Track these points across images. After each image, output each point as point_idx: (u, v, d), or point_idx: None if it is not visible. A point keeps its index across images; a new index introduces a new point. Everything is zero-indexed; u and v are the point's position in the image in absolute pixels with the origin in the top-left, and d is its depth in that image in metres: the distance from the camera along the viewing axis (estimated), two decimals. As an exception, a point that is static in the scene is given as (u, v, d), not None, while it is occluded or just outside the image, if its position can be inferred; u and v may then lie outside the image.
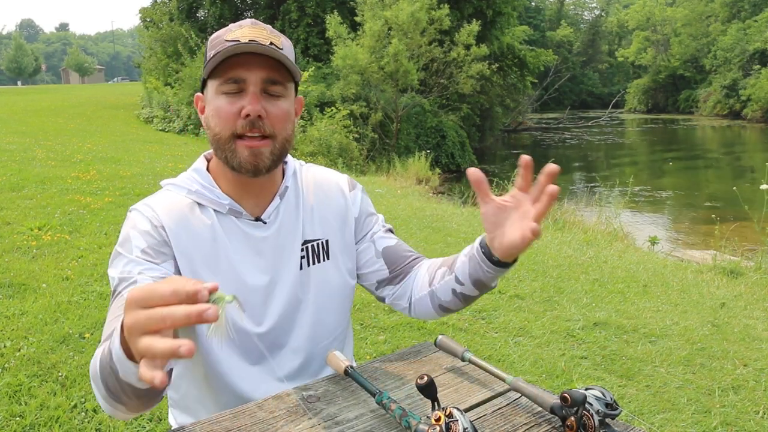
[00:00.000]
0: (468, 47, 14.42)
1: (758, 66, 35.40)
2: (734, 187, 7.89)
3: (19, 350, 2.56)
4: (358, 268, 1.17)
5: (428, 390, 0.80)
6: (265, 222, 1.05)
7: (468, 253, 0.99)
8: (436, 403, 0.80)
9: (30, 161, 7.45)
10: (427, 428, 0.76)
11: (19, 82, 64.51)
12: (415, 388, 0.86)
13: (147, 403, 0.81)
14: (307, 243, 1.09)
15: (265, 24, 0.99)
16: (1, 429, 2.01)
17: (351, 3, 15.36)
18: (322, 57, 16.79)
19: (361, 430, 0.84)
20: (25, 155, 7.93)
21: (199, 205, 1.03)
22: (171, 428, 1.04)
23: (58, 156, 8.15)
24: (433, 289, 1.07)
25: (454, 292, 1.03)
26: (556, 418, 0.85)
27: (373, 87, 14.18)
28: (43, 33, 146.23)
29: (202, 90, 1.04)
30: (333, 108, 12.90)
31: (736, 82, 37.32)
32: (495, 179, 8.73)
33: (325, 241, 1.11)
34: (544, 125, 33.31)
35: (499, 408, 0.91)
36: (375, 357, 2.73)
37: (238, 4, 20.23)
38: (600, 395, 0.81)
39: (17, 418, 2.07)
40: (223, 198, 1.03)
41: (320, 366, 1.12)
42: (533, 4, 58.79)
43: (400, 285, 1.14)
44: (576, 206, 8.26)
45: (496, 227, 0.89)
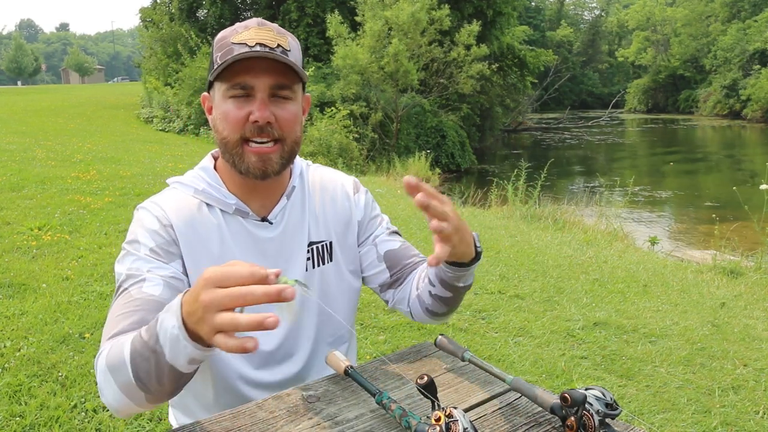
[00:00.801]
0: (468, 47, 14.43)
1: (758, 66, 35.40)
2: (734, 187, 7.90)
3: (19, 350, 2.56)
4: (361, 271, 1.17)
5: (428, 390, 0.80)
6: (272, 222, 1.05)
7: (416, 258, 1.05)
8: (436, 403, 0.80)
9: (30, 161, 7.45)
10: (427, 428, 0.76)
11: (19, 82, 64.52)
12: (415, 388, 0.86)
13: (172, 392, 0.80)
14: (312, 245, 1.09)
15: (272, 23, 0.98)
16: (1, 429, 2.02)
17: (351, 3, 15.35)
18: (322, 57, 16.79)
19: (361, 430, 0.84)
20: (25, 155, 7.93)
21: (206, 204, 1.03)
22: (171, 428, 1.04)
23: (58, 156, 8.15)
24: (419, 293, 1.09)
25: (430, 294, 1.05)
26: (556, 418, 0.85)
27: (373, 87, 14.18)
28: (43, 33, 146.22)
29: (208, 90, 1.03)
30: (333, 108, 12.91)
31: (736, 82, 37.32)
32: (495, 179, 8.73)
33: (329, 243, 1.12)
34: (544, 125, 33.30)
35: (499, 408, 0.91)
36: (375, 357, 2.73)
37: (238, 4, 20.22)
38: (600, 395, 0.81)
39: (17, 418, 2.07)
40: (230, 198, 1.03)
41: (320, 366, 1.12)
42: (533, 4, 58.77)
43: (400, 289, 1.14)
44: (576, 206, 8.25)
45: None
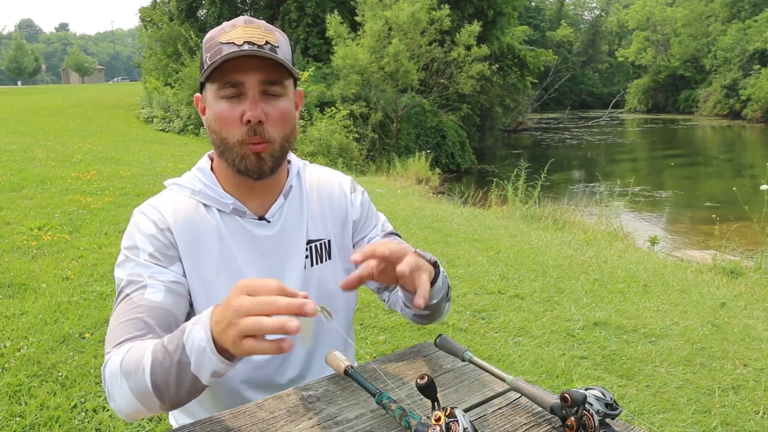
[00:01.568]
0: (468, 47, 14.43)
1: (758, 66, 35.40)
2: (734, 188, 7.90)
3: (19, 350, 2.56)
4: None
5: (428, 390, 0.80)
6: (269, 221, 1.06)
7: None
8: (436, 403, 0.80)
9: (30, 161, 7.45)
10: (427, 428, 0.76)
11: (19, 82, 64.52)
12: (415, 388, 0.86)
13: (186, 402, 0.83)
14: (311, 243, 1.10)
15: (260, 20, 0.99)
16: (1, 429, 2.02)
17: (351, 3, 15.35)
18: (322, 57, 16.80)
19: (361, 430, 0.84)
20: (25, 155, 7.93)
21: (204, 205, 1.04)
22: (171, 428, 1.04)
23: (58, 156, 8.15)
24: (401, 305, 1.10)
25: (414, 314, 1.08)
26: (556, 418, 0.85)
27: (373, 87, 14.18)
28: (43, 33, 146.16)
29: (200, 91, 1.04)
30: (333, 108, 12.91)
31: (736, 82, 37.32)
32: (495, 179, 8.74)
33: (327, 241, 1.12)
34: (544, 125, 33.31)
35: (499, 408, 0.91)
36: (375, 357, 2.73)
37: (238, 4, 20.24)
38: (600, 395, 0.81)
39: (17, 418, 2.07)
40: (227, 198, 1.04)
41: (320, 366, 1.12)
42: (533, 4, 58.77)
43: (394, 291, 1.14)
44: (576, 206, 8.25)
45: (394, 280, 0.91)
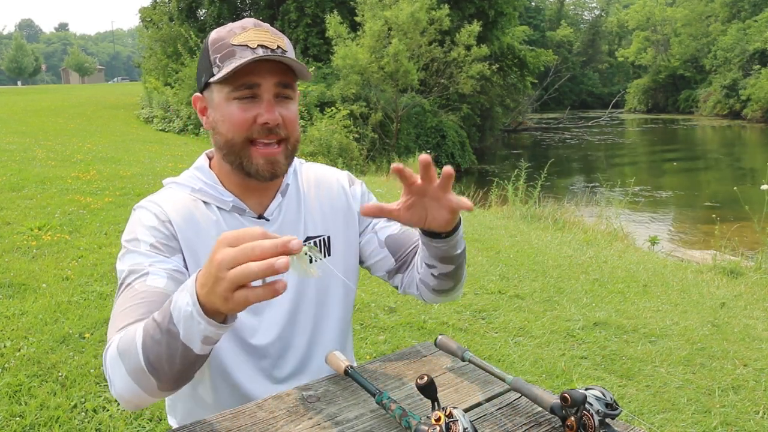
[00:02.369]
0: (468, 47, 14.42)
1: (758, 66, 35.40)
2: (735, 187, 7.90)
3: (19, 350, 2.56)
4: (365, 260, 1.18)
5: (428, 390, 0.80)
6: (268, 219, 1.06)
7: (420, 241, 1.04)
8: (436, 403, 0.80)
9: (30, 161, 7.45)
10: (427, 428, 0.76)
11: (19, 82, 64.52)
12: (415, 388, 0.86)
13: (182, 378, 0.80)
14: (309, 240, 1.10)
15: (265, 23, 0.99)
16: (1, 429, 2.02)
17: (351, 3, 15.35)
18: (321, 57, 16.80)
19: (361, 430, 0.84)
20: (25, 155, 7.93)
21: (203, 202, 1.04)
22: (171, 428, 1.04)
23: (58, 156, 8.15)
24: (421, 278, 1.10)
25: (434, 276, 1.07)
26: (556, 418, 0.85)
27: (373, 87, 14.18)
28: (43, 33, 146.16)
29: (202, 91, 1.02)
30: (333, 108, 12.91)
31: (736, 82, 37.32)
32: (495, 179, 8.74)
33: (327, 237, 1.12)
34: (544, 125, 33.31)
35: (499, 408, 0.91)
36: (375, 357, 2.73)
37: (237, 4, 20.25)
38: (600, 395, 0.81)
39: (17, 418, 2.07)
40: (227, 195, 1.04)
41: (320, 366, 1.12)
42: (533, 4, 58.79)
43: (408, 272, 1.15)
44: (576, 206, 8.25)
45: (421, 219, 0.92)
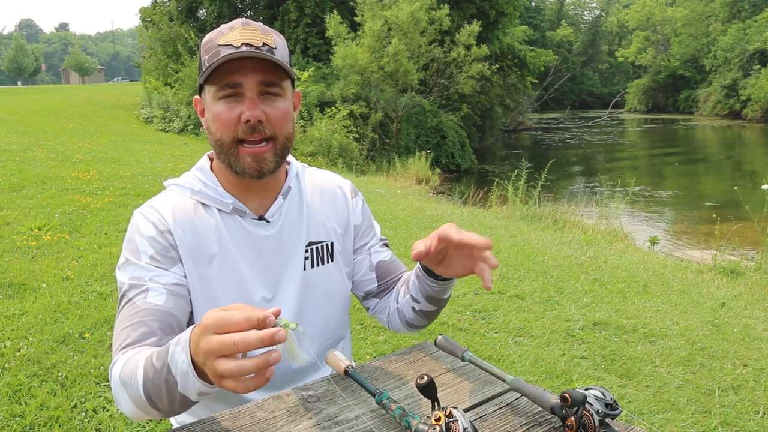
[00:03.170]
0: (468, 47, 14.42)
1: (758, 66, 35.39)
2: (735, 187, 7.90)
3: (19, 350, 2.56)
4: (353, 275, 1.19)
5: (428, 390, 0.80)
6: (269, 221, 1.06)
7: (415, 273, 1.07)
8: (436, 403, 0.80)
9: (30, 161, 7.45)
10: (427, 428, 0.76)
11: (19, 82, 64.49)
12: (415, 388, 0.86)
13: (181, 410, 0.84)
14: (311, 245, 1.10)
15: (256, 22, 0.99)
16: (1, 429, 2.02)
17: (350, 3, 15.35)
18: (321, 57, 16.80)
19: (361, 430, 0.84)
20: (25, 155, 7.93)
21: (203, 204, 1.04)
22: (171, 428, 1.04)
23: (58, 156, 8.15)
24: (398, 306, 1.13)
25: (414, 310, 1.10)
26: (556, 418, 0.85)
27: (373, 87, 14.18)
28: (43, 33, 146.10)
29: (199, 93, 1.04)
30: (333, 108, 12.91)
31: (736, 82, 37.32)
32: (495, 179, 8.74)
33: (330, 243, 1.12)
34: (544, 125, 33.32)
35: (499, 408, 0.91)
36: (375, 357, 2.73)
37: (237, 4, 20.25)
38: (600, 395, 0.81)
39: (17, 418, 2.07)
40: (227, 197, 1.04)
41: (320, 366, 1.12)
42: (533, 4, 58.76)
43: (383, 299, 1.18)
44: (576, 206, 8.25)
45: (439, 264, 0.98)
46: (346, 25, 14.22)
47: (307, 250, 1.09)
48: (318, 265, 1.10)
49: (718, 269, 5.18)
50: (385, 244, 1.22)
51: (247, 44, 0.93)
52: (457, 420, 0.73)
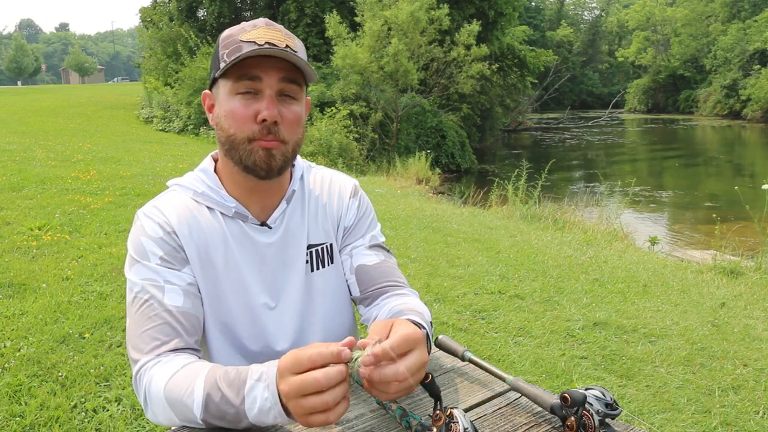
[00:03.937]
0: (468, 47, 14.42)
1: (758, 66, 35.40)
2: (735, 187, 7.89)
3: (19, 350, 2.56)
4: None
5: (431, 387, 0.80)
6: (271, 227, 1.05)
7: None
8: (438, 402, 0.80)
9: (30, 161, 7.46)
10: (427, 428, 0.76)
11: (19, 82, 64.50)
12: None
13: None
14: (311, 248, 1.08)
15: (279, 25, 0.98)
16: (1, 429, 2.02)
17: (350, 3, 15.35)
18: (321, 57, 16.80)
19: (361, 430, 0.84)
20: (25, 155, 7.93)
21: (206, 207, 1.03)
22: (171, 428, 1.04)
23: (58, 156, 8.15)
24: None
25: None
26: (556, 418, 0.85)
27: (373, 87, 14.18)
28: (43, 33, 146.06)
29: (210, 87, 1.02)
30: (333, 108, 12.91)
31: (736, 82, 37.33)
32: (495, 179, 8.74)
33: (329, 245, 1.11)
34: (544, 125, 33.32)
35: (499, 408, 0.91)
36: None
37: (238, 4, 20.23)
38: (600, 395, 0.81)
39: (17, 418, 2.07)
40: (230, 201, 1.03)
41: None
42: (533, 4, 58.78)
43: (368, 309, 1.10)
44: (576, 206, 8.25)
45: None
46: (346, 25, 14.22)
47: (307, 254, 1.08)
48: (319, 268, 1.09)
49: (718, 269, 5.18)
50: (377, 246, 1.14)
51: (270, 43, 0.92)
52: (457, 420, 0.73)
